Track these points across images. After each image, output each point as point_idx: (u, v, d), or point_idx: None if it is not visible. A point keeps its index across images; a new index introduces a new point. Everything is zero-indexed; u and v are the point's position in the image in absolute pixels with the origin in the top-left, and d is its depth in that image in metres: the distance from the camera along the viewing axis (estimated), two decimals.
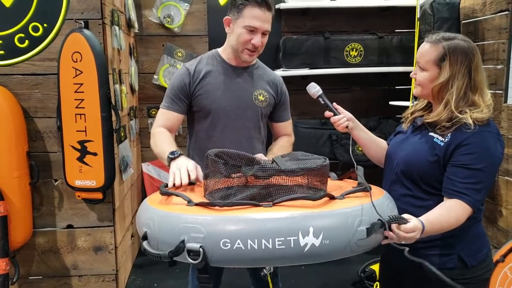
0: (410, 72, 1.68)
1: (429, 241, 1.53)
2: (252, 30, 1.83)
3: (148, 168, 3.82)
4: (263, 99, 1.99)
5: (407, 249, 1.32)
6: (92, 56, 2.46)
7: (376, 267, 3.07)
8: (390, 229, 1.30)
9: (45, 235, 2.75)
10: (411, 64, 3.48)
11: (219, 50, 2.02)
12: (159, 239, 1.30)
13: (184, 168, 1.58)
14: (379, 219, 1.28)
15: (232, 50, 1.93)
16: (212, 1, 3.67)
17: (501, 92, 2.77)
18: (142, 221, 1.41)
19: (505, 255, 2.40)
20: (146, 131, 3.81)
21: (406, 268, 1.65)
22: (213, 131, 1.94)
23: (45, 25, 2.57)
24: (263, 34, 1.86)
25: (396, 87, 3.90)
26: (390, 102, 3.52)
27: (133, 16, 3.36)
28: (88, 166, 2.55)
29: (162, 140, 1.86)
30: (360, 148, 3.36)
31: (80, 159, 2.54)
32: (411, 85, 3.66)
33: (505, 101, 2.77)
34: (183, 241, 1.21)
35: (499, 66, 2.80)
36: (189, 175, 1.57)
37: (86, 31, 2.48)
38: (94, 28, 2.58)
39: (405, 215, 1.36)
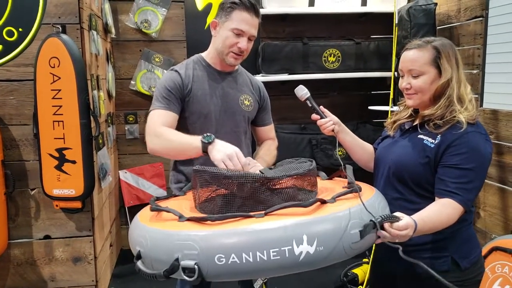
0: (387, 77, 1.68)
1: (421, 244, 1.54)
2: (239, 34, 1.82)
3: (125, 175, 3.75)
4: (248, 103, 1.99)
5: (401, 248, 1.31)
6: (71, 62, 2.40)
7: (358, 271, 3.08)
8: (383, 229, 1.30)
9: (21, 246, 2.65)
10: (387, 69, 3.53)
11: (203, 54, 1.99)
12: (153, 258, 1.27)
13: (235, 157, 1.55)
14: (371, 220, 1.27)
15: (217, 54, 1.91)
16: (190, 6, 3.65)
17: (476, 96, 2.84)
18: (135, 240, 1.37)
19: (485, 256, 2.45)
20: (123, 137, 3.75)
21: (398, 273, 1.66)
22: None
23: (20, 29, 2.50)
24: (249, 39, 1.86)
25: (373, 92, 3.96)
26: (370, 107, 3.57)
27: (110, 21, 3.30)
28: (67, 174, 2.48)
29: (175, 133, 1.76)
30: (340, 152, 3.39)
31: (58, 167, 2.47)
32: (387, 90, 3.71)
33: (481, 105, 2.84)
34: (177, 259, 1.19)
35: (475, 71, 2.87)
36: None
37: (64, 36, 2.42)
38: (72, 33, 2.52)
39: (397, 213, 1.36)
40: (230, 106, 1.94)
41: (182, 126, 1.92)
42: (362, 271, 3.07)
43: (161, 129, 1.77)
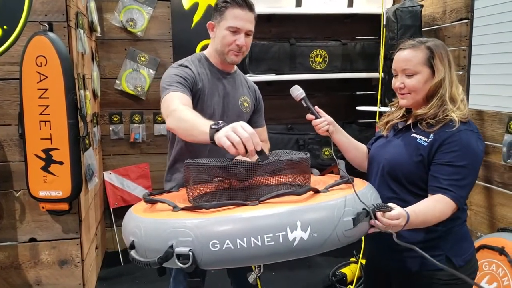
0: (373, 78, 1.70)
1: (415, 242, 1.55)
2: (235, 31, 1.82)
3: (110, 176, 3.69)
4: (247, 105, 1.99)
5: (395, 234, 1.32)
6: (58, 60, 2.35)
7: (346, 270, 3.10)
8: (376, 218, 1.32)
9: (5, 250, 2.59)
10: (373, 70, 3.57)
11: (205, 53, 1.97)
12: (147, 247, 1.26)
13: (239, 127, 1.31)
14: (364, 208, 1.29)
15: (217, 54, 1.90)
16: (176, 5, 3.60)
17: None
18: (128, 231, 1.36)
19: None
20: (108, 138, 3.69)
21: (391, 270, 1.68)
22: None
23: (5, 27, 2.42)
24: (247, 34, 1.85)
25: (358, 92, 3.99)
26: (358, 107, 3.59)
27: (95, 19, 3.24)
28: (54, 175, 2.43)
29: (189, 112, 1.56)
30: (326, 153, 3.38)
31: (45, 169, 2.42)
32: (372, 91, 3.75)
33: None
34: (171, 246, 1.19)
35: (460, 72, 2.92)
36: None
37: (51, 34, 2.37)
38: (59, 31, 2.47)
39: (389, 204, 1.38)
40: (231, 107, 1.94)
41: None
42: (351, 271, 3.09)
43: (176, 106, 1.62)
